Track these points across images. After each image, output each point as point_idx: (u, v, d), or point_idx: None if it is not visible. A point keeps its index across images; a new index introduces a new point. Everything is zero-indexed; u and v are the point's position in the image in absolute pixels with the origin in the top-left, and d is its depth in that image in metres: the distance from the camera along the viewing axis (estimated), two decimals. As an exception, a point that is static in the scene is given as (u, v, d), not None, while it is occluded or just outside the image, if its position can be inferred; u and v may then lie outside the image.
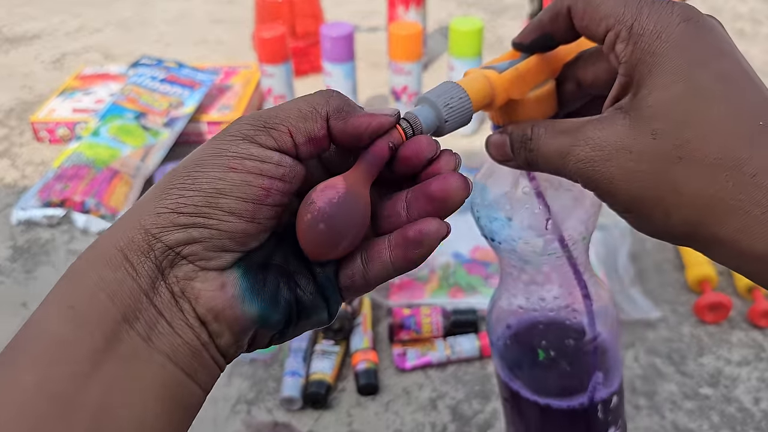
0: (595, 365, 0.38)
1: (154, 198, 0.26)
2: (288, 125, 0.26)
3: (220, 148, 0.26)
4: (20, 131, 0.99)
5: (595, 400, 0.39)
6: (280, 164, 0.25)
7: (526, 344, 0.39)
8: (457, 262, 0.69)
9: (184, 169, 0.26)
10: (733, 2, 1.36)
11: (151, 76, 0.97)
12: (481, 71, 0.30)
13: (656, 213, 0.26)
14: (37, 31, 1.33)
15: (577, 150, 0.27)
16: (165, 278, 0.25)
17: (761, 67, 1.09)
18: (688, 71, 0.25)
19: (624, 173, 0.26)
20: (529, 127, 0.29)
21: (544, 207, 0.34)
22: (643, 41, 0.25)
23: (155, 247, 0.25)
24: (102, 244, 0.26)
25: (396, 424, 0.56)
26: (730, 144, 0.24)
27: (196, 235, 0.25)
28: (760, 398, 0.57)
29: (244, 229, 0.25)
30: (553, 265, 0.36)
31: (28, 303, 0.69)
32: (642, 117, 0.25)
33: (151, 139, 0.87)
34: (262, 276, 0.27)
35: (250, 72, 1.05)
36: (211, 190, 0.25)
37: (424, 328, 0.62)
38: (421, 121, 0.28)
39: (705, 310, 0.64)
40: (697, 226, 0.25)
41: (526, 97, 0.30)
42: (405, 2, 1.03)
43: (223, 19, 1.36)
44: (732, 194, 0.24)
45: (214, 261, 0.26)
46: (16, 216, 0.80)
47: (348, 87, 0.91)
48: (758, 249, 0.24)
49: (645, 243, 0.74)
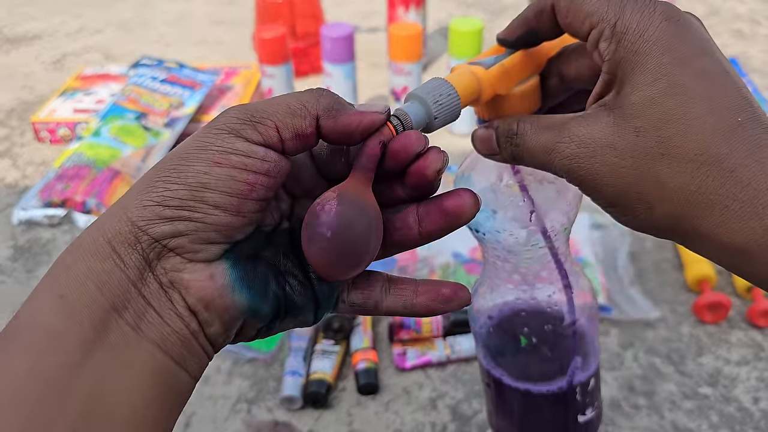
0: (574, 350, 0.39)
1: (140, 191, 0.26)
2: (275, 120, 0.26)
3: (206, 141, 0.26)
4: (21, 131, 1.00)
5: (574, 383, 0.40)
6: (265, 159, 0.26)
7: (508, 332, 0.39)
8: (456, 261, 0.70)
9: (170, 162, 0.26)
10: (731, 2, 1.37)
11: (151, 77, 0.97)
12: (468, 67, 0.30)
13: (640, 207, 0.26)
14: (37, 32, 1.34)
15: (562, 146, 0.27)
16: (152, 269, 0.25)
17: (760, 67, 1.10)
18: (669, 69, 0.25)
19: (608, 169, 0.26)
20: (515, 123, 0.29)
21: (528, 200, 0.34)
22: (626, 40, 0.26)
23: (141, 239, 0.25)
24: (89, 236, 0.26)
25: (396, 424, 0.56)
26: (710, 140, 0.25)
27: (181, 228, 0.25)
28: (759, 398, 0.57)
29: (229, 222, 0.26)
30: (536, 256, 0.36)
31: (29, 303, 0.69)
32: (625, 114, 0.26)
33: (152, 139, 0.87)
34: (252, 267, 0.27)
35: (250, 72, 1.05)
36: (196, 184, 0.25)
37: (423, 327, 0.62)
38: (412, 117, 0.28)
39: (704, 310, 0.64)
40: (679, 219, 0.25)
41: (511, 92, 0.31)
42: (405, 3, 1.03)
43: (224, 20, 1.36)
44: (712, 189, 0.24)
45: (201, 253, 0.26)
46: (17, 216, 0.80)
47: (348, 87, 0.91)
48: (737, 242, 0.24)
49: (644, 243, 0.74)
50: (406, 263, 0.69)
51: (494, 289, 0.39)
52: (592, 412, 0.42)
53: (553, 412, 0.41)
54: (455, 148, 0.93)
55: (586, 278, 0.40)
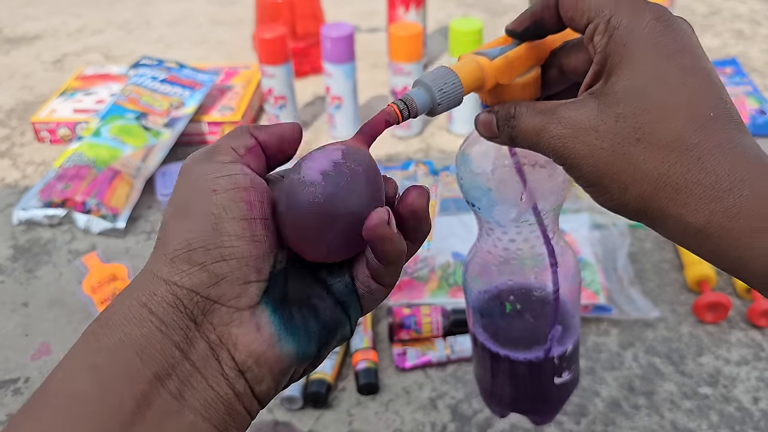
0: (555, 319, 0.42)
1: (160, 253, 0.26)
2: (225, 144, 0.29)
3: (192, 182, 0.27)
4: (21, 131, 1.00)
5: (552, 352, 0.43)
6: (245, 172, 0.28)
7: (496, 298, 0.42)
8: (456, 261, 0.70)
9: (173, 216, 0.27)
10: (732, 2, 1.37)
11: (151, 77, 0.97)
12: (474, 57, 0.32)
13: (615, 187, 0.28)
14: (38, 32, 1.34)
15: (550, 127, 0.30)
16: (200, 327, 0.25)
17: (760, 68, 1.10)
18: (652, 64, 0.28)
19: (589, 150, 0.28)
20: (513, 107, 0.32)
21: (521, 180, 0.37)
22: (617, 34, 0.28)
23: (181, 295, 0.25)
24: (119, 304, 0.25)
25: (396, 424, 0.56)
26: (683, 130, 0.27)
27: (218, 271, 0.26)
28: (759, 398, 0.57)
29: (252, 252, 0.26)
30: (526, 231, 0.40)
31: (29, 302, 0.69)
32: (609, 101, 0.28)
33: (152, 139, 0.87)
34: (287, 310, 0.28)
35: (250, 73, 1.05)
36: (209, 217, 0.26)
37: (424, 327, 0.62)
38: (417, 102, 0.30)
39: (704, 310, 0.64)
40: (649, 200, 0.28)
41: (513, 82, 0.33)
42: (405, 3, 1.03)
43: (224, 20, 1.37)
44: (680, 174, 0.27)
45: (243, 298, 0.26)
46: (17, 216, 0.80)
47: (348, 87, 0.92)
48: (699, 222, 0.27)
49: (644, 243, 0.74)
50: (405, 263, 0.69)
51: (486, 259, 0.42)
52: (568, 375, 0.45)
53: (530, 375, 0.44)
54: (455, 148, 0.93)
55: (572, 255, 0.42)
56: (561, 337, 0.43)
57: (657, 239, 0.74)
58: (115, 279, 0.70)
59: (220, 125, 0.94)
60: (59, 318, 0.67)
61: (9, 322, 0.67)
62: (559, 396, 0.46)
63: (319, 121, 1.00)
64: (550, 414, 0.47)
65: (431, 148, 0.93)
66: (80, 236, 0.78)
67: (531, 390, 0.45)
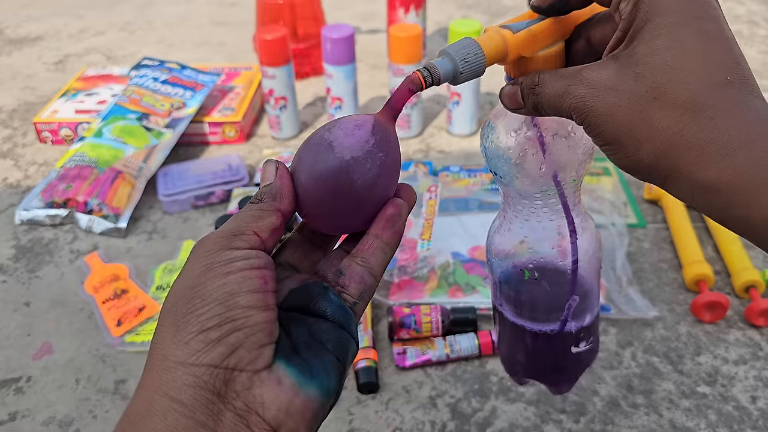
0: (573, 289, 0.43)
1: (173, 338, 0.27)
2: (251, 227, 0.30)
3: (206, 264, 0.28)
4: (23, 132, 1.00)
5: (568, 323, 0.44)
6: (259, 257, 0.29)
7: (516, 266, 0.43)
8: (456, 261, 0.70)
9: (184, 298, 0.28)
10: (730, 3, 1.37)
11: (153, 78, 0.98)
12: (498, 30, 0.34)
13: (631, 144, 0.29)
14: (40, 33, 1.34)
15: (573, 89, 0.31)
16: (224, 399, 0.26)
17: (758, 69, 1.10)
18: (673, 28, 0.29)
19: (608, 108, 0.30)
20: (537, 75, 0.33)
21: (542, 151, 0.38)
22: (642, 2, 0.29)
23: (200, 373, 0.26)
24: (141, 400, 0.26)
25: (396, 422, 0.57)
26: (698, 91, 0.28)
27: (233, 341, 0.27)
28: (757, 397, 0.58)
29: (264, 318, 0.28)
30: (546, 201, 0.41)
31: (31, 302, 0.70)
32: (629, 62, 0.30)
33: (154, 140, 0.87)
34: (300, 357, 0.29)
35: (251, 74, 1.06)
36: (224, 295, 0.27)
37: (423, 326, 0.62)
38: (440, 71, 0.32)
39: (702, 310, 0.64)
40: (662, 158, 0.29)
41: (536, 55, 0.34)
42: (405, 4, 1.04)
43: (225, 21, 1.37)
44: (692, 133, 0.28)
45: (260, 360, 0.27)
46: (20, 216, 0.80)
47: (348, 89, 0.92)
48: (709, 178, 0.28)
49: (642, 243, 0.74)
50: (405, 262, 0.69)
51: (508, 227, 0.43)
52: (586, 345, 0.46)
53: (547, 345, 0.45)
54: (455, 148, 0.93)
55: (593, 227, 0.43)
56: (579, 309, 0.44)
57: (655, 239, 0.75)
58: (116, 279, 0.70)
59: (221, 126, 0.94)
60: (61, 318, 0.68)
61: (11, 321, 0.67)
62: (576, 366, 0.47)
63: (320, 121, 1.01)
64: (567, 383, 0.48)
65: (431, 149, 0.93)
66: (82, 236, 0.78)
67: (548, 359, 0.46)
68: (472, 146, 0.93)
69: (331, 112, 0.94)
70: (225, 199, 0.83)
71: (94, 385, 0.60)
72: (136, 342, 0.64)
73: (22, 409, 0.59)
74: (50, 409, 0.58)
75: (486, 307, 0.65)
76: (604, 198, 0.80)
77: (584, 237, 0.42)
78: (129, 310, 0.67)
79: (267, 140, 0.96)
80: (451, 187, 0.82)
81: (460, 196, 0.81)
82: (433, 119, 1.00)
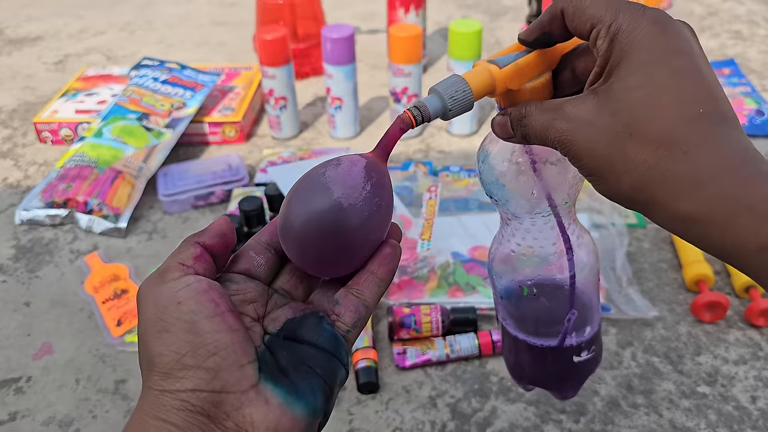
0: (572, 303, 0.44)
1: (151, 373, 0.28)
2: (173, 261, 0.31)
3: (155, 302, 0.29)
4: (23, 132, 1.00)
5: (568, 336, 0.45)
6: (199, 281, 0.30)
7: (514, 281, 0.45)
8: (456, 261, 0.70)
9: (151, 339, 0.29)
10: (730, 3, 1.37)
11: (153, 78, 0.98)
12: (486, 66, 0.35)
13: (610, 177, 0.31)
14: (40, 33, 1.34)
15: (556, 123, 0.32)
16: (214, 420, 0.27)
17: (758, 69, 1.10)
18: (646, 66, 0.30)
19: (588, 142, 0.31)
20: (524, 107, 0.35)
21: (536, 176, 0.40)
22: (617, 39, 0.30)
23: (186, 397, 0.27)
24: (135, 423, 0.27)
25: (396, 422, 0.57)
26: (671, 126, 0.29)
27: (212, 365, 0.28)
28: (757, 397, 0.58)
29: (233, 339, 0.29)
30: (541, 222, 0.42)
31: (31, 302, 0.70)
32: (607, 99, 0.31)
33: (154, 140, 0.87)
34: (287, 379, 0.29)
35: (251, 74, 1.06)
36: (186, 325, 0.28)
37: (423, 326, 0.62)
38: (429, 108, 0.33)
39: (702, 310, 0.64)
40: (640, 190, 0.30)
41: (523, 87, 0.35)
42: (405, 5, 1.04)
43: (225, 21, 1.37)
44: (667, 165, 0.29)
45: (244, 380, 0.28)
46: (20, 216, 0.80)
47: (348, 89, 0.92)
48: (684, 210, 0.29)
49: (642, 243, 0.74)
50: (406, 263, 0.69)
51: (507, 245, 0.45)
52: (587, 355, 0.47)
53: (548, 357, 0.46)
54: (455, 148, 0.93)
55: (590, 244, 0.45)
56: (579, 322, 0.45)
57: (655, 239, 0.75)
58: (116, 279, 0.70)
59: (221, 126, 0.94)
60: (61, 318, 0.68)
61: (11, 321, 0.67)
62: (579, 374, 0.48)
63: (320, 121, 1.01)
64: (571, 390, 0.50)
65: (431, 149, 0.93)
66: (82, 236, 0.78)
67: (551, 369, 0.48)
68: (472, 146, 0.93)
69: (331, 112, 0.94)
70: (225, 199, 0.83)
71: (94, 385, 0.60)
72: (136, 342, 0.64)
73: (22, 409, 0.59)
74: (50, 409, 0.58)
75: (486, 307, 0.65)
76: (604, 198, 0.80)
77: (580, 253, 0.43)
78: (129, 310, 0.67)
79: (267, 140, 0.96)
80: (451, 187, 0.82)
81: (460, 196, 0.81)
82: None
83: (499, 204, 0.42)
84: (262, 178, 0.85)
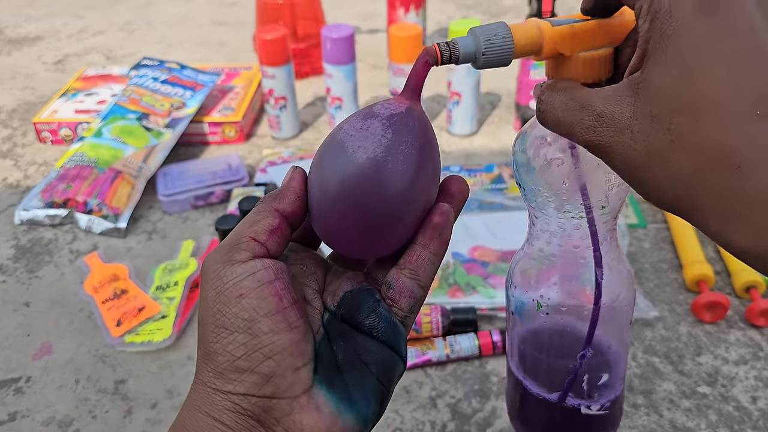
0: (589, 339, 0.37)
1: (207, 367, 0.27)
2: (248, 234, 0.28)
3: (216, 287, 0.27)
4: (23, 132, 1.00)
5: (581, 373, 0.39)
6: (266, 267, 0.28)
7: (530, 295, 0.39)
8: (456, 261, 0.70)
9: (208, 328, 0.27)
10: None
11: (152, 77, 0.98)
12: (537, 21, 0.31)
13: (651, 185, 0.27)
14: (39, 33, 1.34)
15: (584, 121, 0.28)
16: (264, 425, 0.27)
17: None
18: (688, 53, 0.25)
19: (623, 149, 0.27)
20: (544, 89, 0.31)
21: (573, 161, 0.35)
22: (657, 19, 0.26)
23: (237, 400, 0.27)
24: (187, 418, 0.27)
25: (396, 423, 0.56)
26: (721, 130, 0.24)
27: (266, 370, 0.27)
28: (757, 397, 0.58)
29: (291, 340, 0.27)
30: (570, 225, 0.36)
31: (31, 302, 0.70)
32: (646, 97, 0.26)
33: (153, 140, 0.87)
34: (341, 382, 0.28)
35: (251, 73, 1.06)
36: (244, 323, 0.27)
37: (423, 326, 0.62)
38: (460, 48, 0.29)
39: (703, 310, 0.64)
40: (682, 200, 0.26)
41: (575, 55, 0.31)
42: (405, 4, 1.04)
43: (225, 21, 1.37)
44: (716, 181, 0.24)
45: (297, 385, 0.27)
46: (19, 216, 0.80)
47: (348, 88, 0.92)
48: (736, 243, 0.25)
49: (643, 243, 0.74)
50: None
51: (530, 249, 0.39)
52: (598, 410, 0.42)
53: (557, 414, 0.43)
54: (455, 148, 0.93)
55: (628, 275, 0.38)
56: (592, 368, 0.38)
57: (656, 239, 0.75)
58: (116, 279, 0.70)
59: (220, 126, 0.94)
60: (61, 318, 0.68)
61: (11, 321, 0.67)
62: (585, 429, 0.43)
63: (320, 121, 1.01)
64: None
65: (431, 149, 0.93)
66: (82, 236, 0.78)
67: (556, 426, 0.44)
68: (472, 146, 0.93)
69: (331, 112, 0.94)
70: (225, 199, 0.83)
71: (94, 386, 0.60)
72: (135, 342, 0.64)
73: (21, 409, 0.59)
74: (50, 409, 0.58)
75: (486, 307, 0.65)
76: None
77: (613, 278, 0.37)
78: (129, 311, 0.66)
79: (267, 140, 0.96)
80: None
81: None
82: (433, 119, 1.00)
83: (526, 195, 0.37)
84: (262, 178, 0.85)
